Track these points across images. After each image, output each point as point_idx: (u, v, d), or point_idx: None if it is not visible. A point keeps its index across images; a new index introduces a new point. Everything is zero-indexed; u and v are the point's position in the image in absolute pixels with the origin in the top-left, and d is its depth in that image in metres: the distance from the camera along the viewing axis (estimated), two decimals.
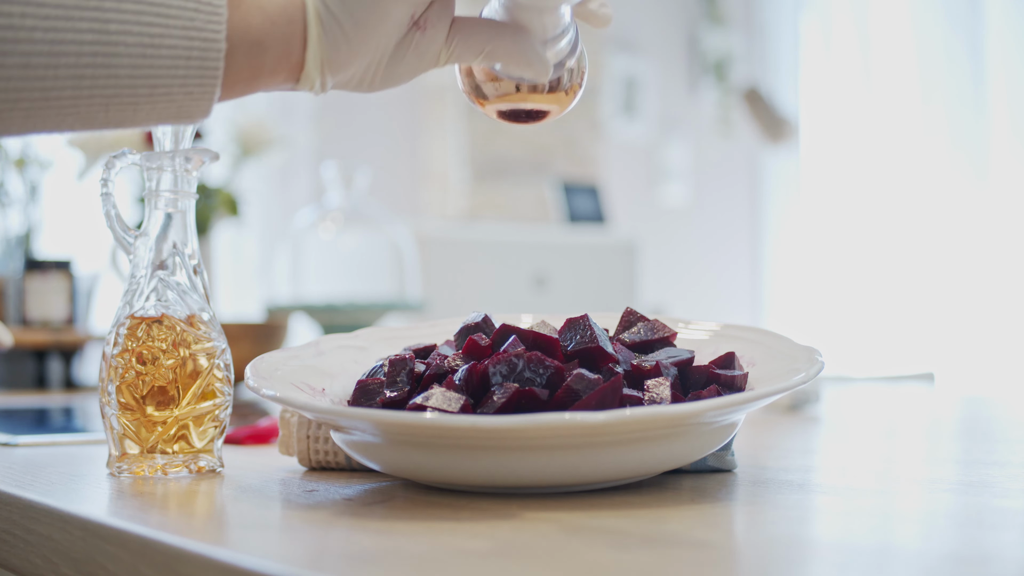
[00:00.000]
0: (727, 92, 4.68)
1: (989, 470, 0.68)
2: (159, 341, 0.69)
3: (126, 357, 0.68)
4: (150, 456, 0.68)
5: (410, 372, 0.63)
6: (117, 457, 0.69)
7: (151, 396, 0.68)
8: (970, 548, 0.46)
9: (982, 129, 4.39)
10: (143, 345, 0.68)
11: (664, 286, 4.63)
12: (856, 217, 4.58)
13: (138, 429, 0.68)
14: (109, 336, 0.70)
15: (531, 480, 0.57)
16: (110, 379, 0.69)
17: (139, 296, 0.70)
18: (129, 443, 0.69)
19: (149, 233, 0.71)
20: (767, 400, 0.58)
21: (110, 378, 0.69)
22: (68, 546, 0.56)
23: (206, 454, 0.69)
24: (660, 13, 4.69)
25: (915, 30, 4.51)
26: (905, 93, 4.50)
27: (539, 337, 0.62)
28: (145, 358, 0.68)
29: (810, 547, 0.47)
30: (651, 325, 0.69)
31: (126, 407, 0.68)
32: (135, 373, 0.68)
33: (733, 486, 0.62)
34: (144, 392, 0.68)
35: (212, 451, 0.70)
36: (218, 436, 0.70)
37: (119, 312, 0.70)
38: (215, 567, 0.45)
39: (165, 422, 0.68)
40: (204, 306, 0.71)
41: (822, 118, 4.70)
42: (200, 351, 0.69)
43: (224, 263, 3.25)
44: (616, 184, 4.47)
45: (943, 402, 1.34)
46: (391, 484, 0.64)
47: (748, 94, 4.65)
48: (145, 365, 0.68)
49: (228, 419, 0.71)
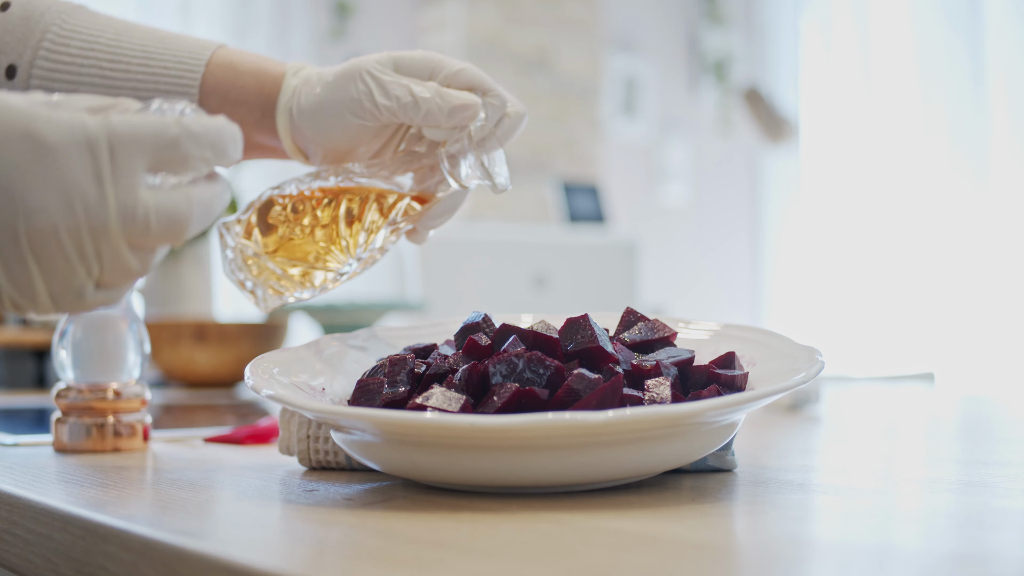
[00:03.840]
0: (727, 92, 4.68)
1: (989, 470, 0.68)
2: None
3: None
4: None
5: (410, 372, 0.63)
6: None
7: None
8: (970, 548, 0.46)
9: (982, 129, 4.39)
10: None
11: (664, 286, 4.63)
12: (856, 217, 4.58)
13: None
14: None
15: (531, 480, 0.57)
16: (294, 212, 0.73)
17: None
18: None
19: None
20: (767, 400, 0.58)
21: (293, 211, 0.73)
22: (68, 546, 0.56)
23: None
24: (660, 13, 4.69)
25: (915, 30, 4.51)
26: (905, 93, 4.50)
27: (539, 337, 0.62)
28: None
29: (810, 547, 0.47)
30: (651, 325, 0.69)
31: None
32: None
33: (733, 486, 0.62)
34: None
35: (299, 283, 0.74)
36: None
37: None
38: (215, 567, 0.45)
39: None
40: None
41: (822, 118, 4.71)
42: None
43: None
44: (616, 184, 4.47)
45: (943, 402, 1.34)
46: (391, 484, 0.64)
47: (748, 94, 4.65)
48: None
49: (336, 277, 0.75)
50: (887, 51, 4.54)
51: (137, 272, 0.52)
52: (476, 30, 3.91)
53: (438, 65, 0.74)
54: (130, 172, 0.50)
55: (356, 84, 0.73)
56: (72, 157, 0.49)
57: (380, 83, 0.73)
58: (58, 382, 0.83)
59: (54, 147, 0.49)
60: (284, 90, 0.76)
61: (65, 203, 0.49)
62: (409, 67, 0.74)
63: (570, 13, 4.16)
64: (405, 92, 0.73)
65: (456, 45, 3.88)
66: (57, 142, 0.49)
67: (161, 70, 0.76)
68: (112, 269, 0.51)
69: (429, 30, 3.99)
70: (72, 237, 0.49)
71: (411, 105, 0.72)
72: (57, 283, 0.51)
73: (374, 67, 0.73)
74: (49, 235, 0.49)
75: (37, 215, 0.49)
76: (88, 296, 0.52)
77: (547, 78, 4.01)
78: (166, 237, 0.52)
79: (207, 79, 0.76)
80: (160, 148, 0.51)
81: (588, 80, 4.17)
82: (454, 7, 3.93)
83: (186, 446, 0.86)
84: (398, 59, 0.74)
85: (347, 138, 0.75)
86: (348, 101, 0.73)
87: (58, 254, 0.50)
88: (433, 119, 0.73)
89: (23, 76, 0.75)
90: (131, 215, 0.50)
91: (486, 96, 0.75)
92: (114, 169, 0.50)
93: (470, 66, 0.75)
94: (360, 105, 0.73)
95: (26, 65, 0.75)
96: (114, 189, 0.50)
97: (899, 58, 4.51)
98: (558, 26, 4.12)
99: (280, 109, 0.76)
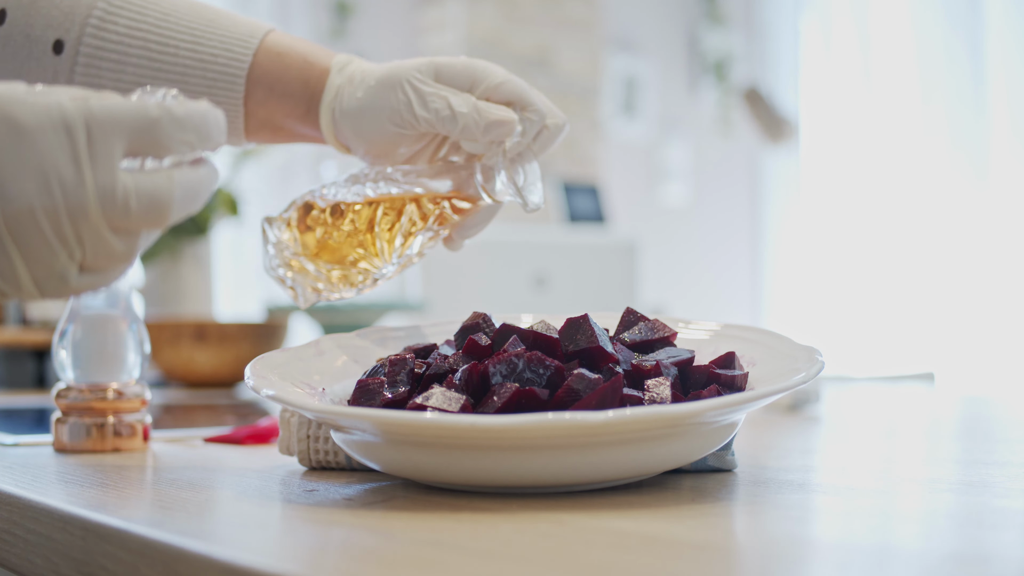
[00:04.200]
0: (727, 92, 4.68)
1: (989, 470, 0.68)
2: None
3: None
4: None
5: (410, 372, 0.63)
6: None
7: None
8: (970, 548, 0.46)
9: (982, 129, 4.39)
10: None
11: (664, 286, 4.63)
12: (856, 217, 4.59)
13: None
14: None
15: (531, 480, 0.57)
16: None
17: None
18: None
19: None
20: (767, 400, 0.58)
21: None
22: (68, 546, 0.56)
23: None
24: (660, 13, 4.69)
25: (915, 30, 4.51)
26: (905, 93, 4.50)
27: (539, 337, 0.62)
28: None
29: (810, 547, 0.47)
30: (651, 325, 0.69)
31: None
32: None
33: (733, 486, 0.62)
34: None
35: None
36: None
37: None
38: (215, 567, 0.45)
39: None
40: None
41: (822, 118, 4.71)
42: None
43: (224, 263, 3.25)
44: (616, 184, 4.47)
45: (943, 402, 1.34)
46: (391, 484, 0.64)
47: (748, 94, 4.65)
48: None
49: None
50: (887, 51, 4.54)
51: (122, 256, 0.52)
52: (476, 30, 3.91)
53: (480, 76, 0.74)
54: (108, 153, 0.49)
55: (396, 93, 0.73)
56: (48, 138, 0.48)
57: (420, 94, 0.73)
58: (58, 382, 0.83)
59: (30, 129, 0.48)
60: (328, 88, 0.76)
61: (42, 185, 0.48)
62: (450, 76, 0.74)
63: (570, 13, 4.16)
64: (444, 105, 0.73)
65: (456, 45, 3.88)
66: (33, 124, 0.48)
67: (209, 57, 0.75)
68: (95, 252, 0.51)
69: (429, 30, 3.99)
70: (51, 219, 0.49)
71: (448, 119, 0.73)
72: (39, 267, 0.50)
73: (415, 76, 0.74)
74: (27, 218, 0.49)
75: (14, 197, 0.48)
76: (72, 281, 0.51)
77: (547, 78, 4.01)
78: (148, 219, 0.51)
79: (254, 70, 0.76)
80: (140, 130, 0.50)
81: (588, 80, 4.17)
82: (454, 7, 3.93)
83: (186, 446, 0.86)
84: (440, 67, 0.74)
85: (387, 141, 0.75)
86: (387, 109, 0.74)
87: (37, 237, 0.49)
88: (470, 133, 0.73)
89: (70, 53, 0.74)
90: (110, 196, 0.49)
91: (525, 111, 0.74)
92: (91, 150, 0.49)
93: (512, 79, 0.74)
94: (399, 115, 0.73)
95: (73, 42, 0.74)
96: (92, 170, 0.49)
97: (899, 58, 4.51)
98: (558, 26, 4.12)
99: (323, 107, 0.76)
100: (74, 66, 0.74)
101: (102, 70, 0.74)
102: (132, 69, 0.74)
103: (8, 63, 0.74)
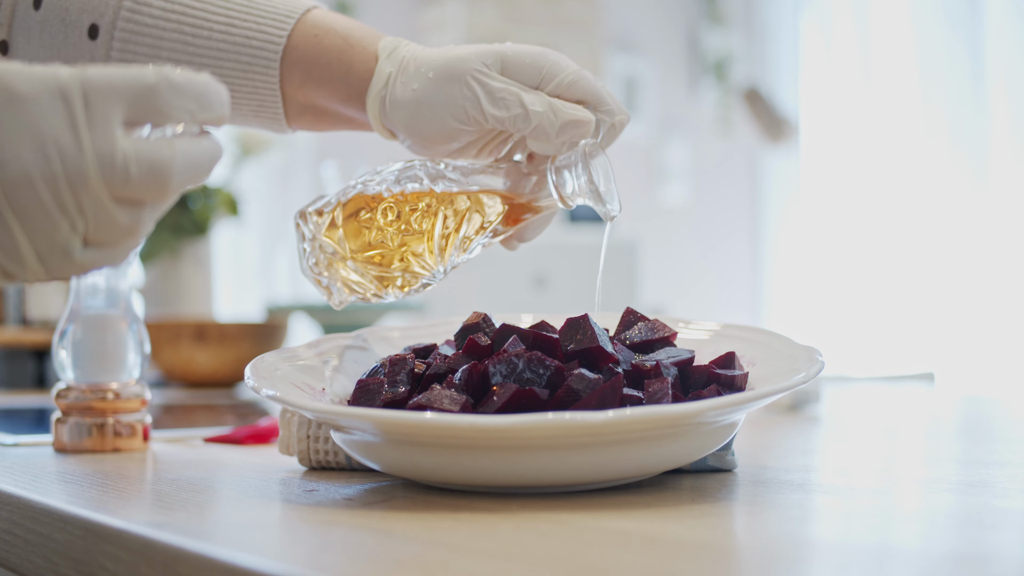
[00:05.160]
0: (727, 92, 4.68)
1: (989, 470, 0.68)
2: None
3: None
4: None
5: (410, 372, 0.63)
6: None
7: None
8: (970, 548, 0.46)
9: (982, 129, 4.39)
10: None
11: (664, 286, 4.63)
12: (856, 217, 4.58)
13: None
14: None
15: (531, 480, 0.57)
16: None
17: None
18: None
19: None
20: (767, 400, 0.58)
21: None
22: (68, 546, 0.56)
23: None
24: (660, 13, 4.69)
25: (915, 30, 4.51)
26: (905, 93, 4.50)
27: (539, 337, 0.62)
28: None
29: (810, 547, 0.47)
30: (651, 325, 0.69)
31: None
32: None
33: (733, 486, 0.62)
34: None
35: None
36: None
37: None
38: (215, 567, 0.45)
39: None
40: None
41: (822, 118, 4.70)
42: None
43: (224, 263, 3.25)
44: (616, 184, 4.47)
45: (943, 402, 1.34)
46: (391, 484, 0.64)
47: (748, 94, 4.65)
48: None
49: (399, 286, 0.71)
50: (887, 51, 4.54)
51: (127, 229, 0.51)
52: (476, 30, 3.91)
53: (551, 70, 0.69)
54: (106, 119, 0.49)
55: (461, 88, 0.68)
56: (45, 106, 0.48)
57: (488, 90, 0.68)
58: (58, 382, 0.83)
59: (26, 97, 0.48)
60: (377, 76, 0.71)
61: (40, 152, 0.48)
62: (518, 69, 0.69)
63: (570, 13, 4.16)
64: (516, 102, 0.68)
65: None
66: (29, 92, 0.48)
67: (243, 40, 0.72)
68: (98, 223, 0.50)
69: (429, 30, 3.99)
70: (50, 187, 0.48)
71: (521, 117, 0.68)
72: (41, 239, 0.49)
73: (480, 69, 0.68)
74: (25, 186, 0.48)
75: (11, 165, 0.48)
76: (76, 254, 0.50)
77: None
78: (150, 188, 0.50)
79: (289, 52, 0.72)
80: (138, 96, 0.50)
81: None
82: (454, 7, 3.93)
83: (186, 446, 0.86)
84: (506, 58, 0.69)
85: (444, 136, 0.70)
86: (451, 105, 0.69)
87: (37, 206, 0.48)
88: (543, 134, 0.68)
89: (105, 38, 0.72)
90: (110, 162, 0.49)
91: (598, 110, 0.70)
92: (89, 116, 0.48)
93: (584, 75, 0.70)
94: (465, 112, 0.69)
95: (108, 26, 0.72)
96: (90, 136, 0.48)
97: (899, 58, 4.51)
98: (558, 26, 4.12)
99: (371, 97, 0.71)
100: (109, 51, 0.72)
101: (137, 55, 0.72)
102: (167, 54, 0.72)
103: (46, 49, 0.73)
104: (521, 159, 0.72)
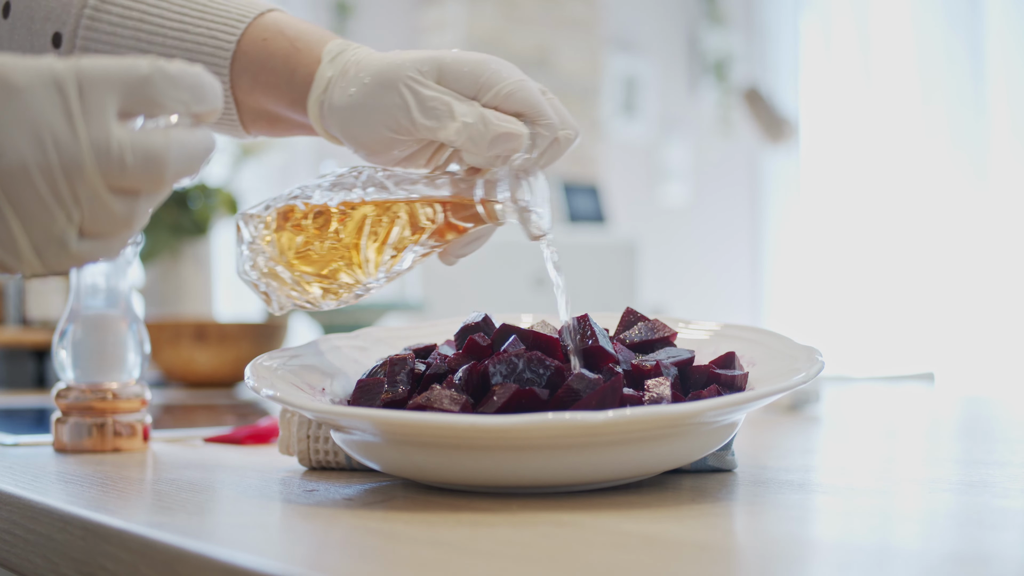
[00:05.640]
0: (727, 92, 4.68)
1: (989, 470, 0.68)
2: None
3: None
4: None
5: (410, 372, 0.63)
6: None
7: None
8: (970, 548, 0.46)
9: (982, 129, 4.39)
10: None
11: (664, 286, 4.63)
12: (856, 217, 4.59)
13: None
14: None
15: (531, 480, 0.57)
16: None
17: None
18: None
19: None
20: (767, 400, 0.58)
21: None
22: (68, 546, 0.56)
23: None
24: (660, 13, 4.69)
25: (915, 30, 4.51)
26: (905, 93, 4.50)
27: (539, 337, 0.62)
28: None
29: (810, 547, 0.47)
30: (651, 325, 0.69)
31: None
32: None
33: (733, 486, 0.62)
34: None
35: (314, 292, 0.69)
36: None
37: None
38: (215, 567, 0.45)
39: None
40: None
41: (822, 118, 4.71)
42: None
43: (224, 263, 3.24)
44: (616, 184, 4.47)
45: (943, 402, 1.34)
46: (391, 484, 0.64)
47: (748, 94, 4.65)
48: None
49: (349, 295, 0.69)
50: (887, 51, 4.54)
51: (123, 220, 0.51)
52: (476, 30, 3.91)
53: (490, 79, 0.66)
54: (101, 108, 0.49)
55: (392, 94, 0.66)
56: (40, 96, 0.48)
57: (420, 98, 0.65)
58: (58, 382, 0.83)
59: (21, 87, 0.48)
60: (318, 80, 0.69)
61: (35, 142, 0.48)
62: (455, 78, 0.66)
63: (570, 13, 4.16)
64: (446, 112, 0.65)
65: (456, 45, 3.88)
66: (24, 82, 0.48)
67: (194, 45, 0.71)
68: (94, 214, 0.50)
69: (429, 30, 3.99)
70: (45, 177, 0.48)
71: (451, 128, 0.65)
72: (37, 230, 0.49)
73: (414, 76, 0.66)
74: (20, 176, 0.48)
75: (6, 155, 0.48)
76: (73, 246, 0.50)
77: (547, 78, 4.01)
78: (145, 177, 0.50)
79: (238, 58, 0.71)
80: (132, 86, 0.50)
81: (588, 80, 4.17)
82: (454, 7, 3.93)
83: (186, 446, 0.86)
84: (443, 65, 0.66)
85: (380, 144, 0.68)
86: (381, 111, 0.66)
87: (32, 196, 0.49)
88: (473, 146, 0.65)
89: (67, 47, 0.72)
90: (105, 151, 0.49)
91: (536, 124, 0.66)
92: (84, 106, 0.49)
93: (524, 86, 0.66)
94: (394, 119, 0.66)
95: (69, 35, 0.71)
96: (85, 125, 0.49)
97: (899, 58, 4.51)
98: (558, 26, 4.12)
99: (311, 100, 0.69)
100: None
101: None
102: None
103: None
104: (459, 170, 0.69)
